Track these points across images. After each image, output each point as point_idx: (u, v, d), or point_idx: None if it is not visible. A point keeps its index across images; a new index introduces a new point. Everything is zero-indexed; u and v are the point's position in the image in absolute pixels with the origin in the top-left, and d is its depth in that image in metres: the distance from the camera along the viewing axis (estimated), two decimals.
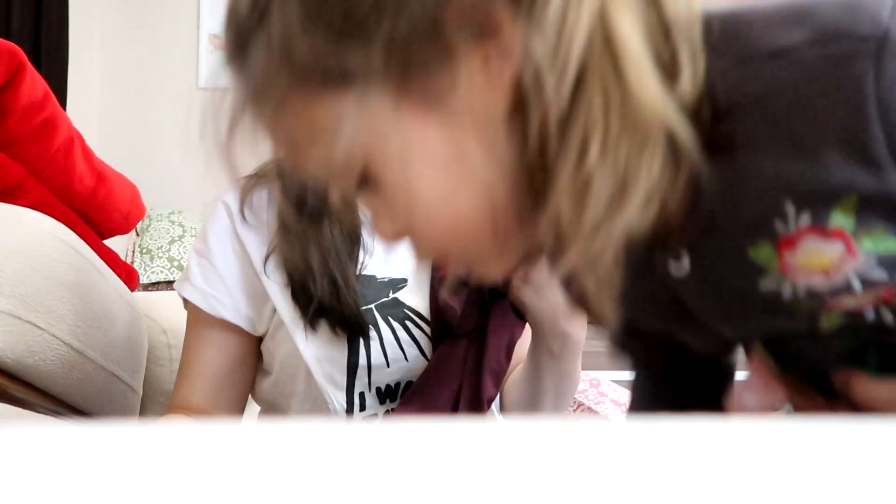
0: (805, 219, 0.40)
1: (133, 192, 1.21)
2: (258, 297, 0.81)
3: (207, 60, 3.57)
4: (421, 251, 0.49)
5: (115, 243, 2.65)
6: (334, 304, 0.78)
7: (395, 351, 0.80)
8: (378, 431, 0.22)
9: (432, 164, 0.43)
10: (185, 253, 3.01)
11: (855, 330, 0.43)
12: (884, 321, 0.42)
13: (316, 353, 0.79)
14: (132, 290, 1.13)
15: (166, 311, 1.06)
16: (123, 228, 1.19)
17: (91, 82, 3.53)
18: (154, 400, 1.01)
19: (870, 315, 0.42)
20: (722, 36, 0.40)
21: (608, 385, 1.64)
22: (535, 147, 0.40)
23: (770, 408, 0.50)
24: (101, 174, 1.10)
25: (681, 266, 0.45)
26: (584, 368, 0.89)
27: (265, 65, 0.43)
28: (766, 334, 0.48)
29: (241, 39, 0.45)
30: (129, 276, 1.15)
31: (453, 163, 0.43)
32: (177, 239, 3.06)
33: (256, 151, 0.49)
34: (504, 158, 0.42)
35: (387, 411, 0.81)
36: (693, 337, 0.50)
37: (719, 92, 0.39)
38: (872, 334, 0.43)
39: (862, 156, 0.37)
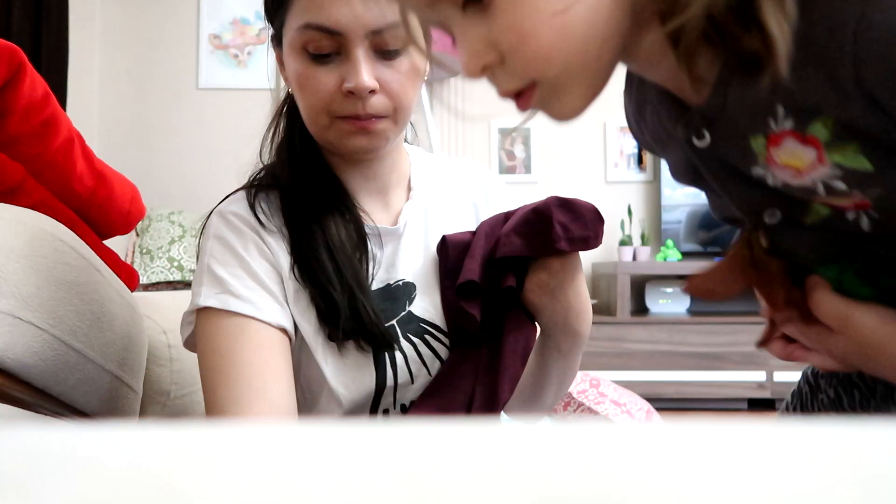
0: (789, 123, 0.46)
1: (133, 193, 1.21)
2: (290, 307, 0.78)
3: (207, 60, 3.57)
4: (514, 74, 0.49)
5: (115, 243, 2.65)
6: (357, 316, 0.75)
7: (418, 366, 0.79)
8: (390, 432, 0.22)
9: None
10: (185, 253, 3.01)
11: (838, 226, 0.50)
12: (860, 225, 0.48)
13: (342, 376, 0.76)
14: (132, 290, 1.13)
15: (166, 312, 1.06)
16: (123, 229, 1.19)
17: (91, 82, 3.53)
18: (154, 400, 1.01)
19: (850, 215, 0.48)
20: None
21: (608, 385, 1.64)
22: None
23: (724, 293, 0.59)
24: (101, 174, 1.10)
25: (703, 141, 0.52)
26: (583, 368, 0.90)
27: None
28: (760, 211, 0.55)
29: None
30: (129, 276, 1.15)
31: None
32: (177, 239, 3.06)
33: None
34: None
35: None
36: (709, 198, 0.60)
37: None
38: (852, 236, 0.50)
39: (833, 82, 0.42)
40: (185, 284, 2.98)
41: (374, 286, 0.81)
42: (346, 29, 0.73)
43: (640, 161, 3.54)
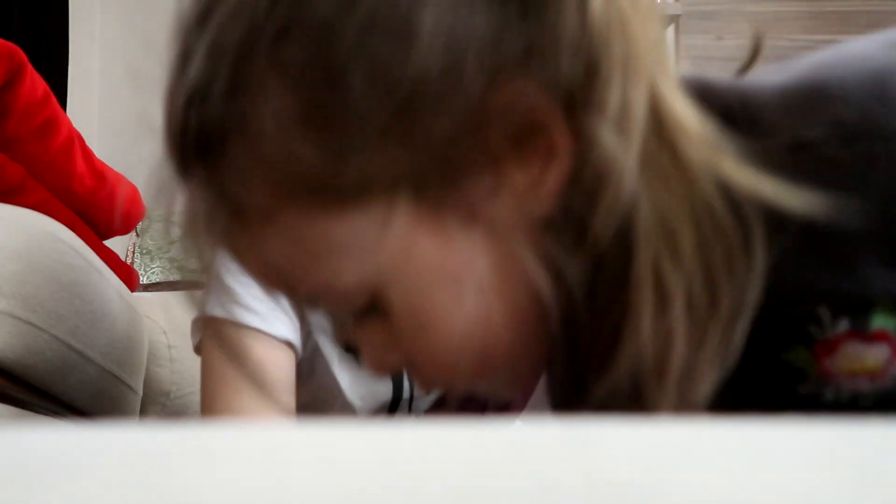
0: (844, 324, 0.37)
1: (133, 193, 1.21)
2: (301, 319, 0.77)
3: None
4: (429, 382, 0.43)
5: (115, 244, 2.65)
6: None
7: None
8: (390, 432, 0.22)
9: (471, 284, 0.37)
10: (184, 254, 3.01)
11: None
12: None
13: (358, 388, 0.76)
14: (132, 290, 1.13)
15: (166, 312, 1.06)
16: (123, 229, 1.19)
17: (91, 82, 3.53)
18: (154, 400, 1.01)
19: None
20: (740, 118, 0.36)
21: None
22: (590, 256, 0.35)
23: None
24: (101, 175, 1.10)
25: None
26: None
27: (246, 174, 0.35)
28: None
29: (209, 137, 0.36)
30: (129, 276, 1.15)
31: (495, 282, 0.37)
32: (177, 240, 3.05)
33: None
34: (545, 276, 0.36)
35: None
36: None
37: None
38: None
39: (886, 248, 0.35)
40: (186, 285, 2.98)
41: None
42: None
43: None
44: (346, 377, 0.76)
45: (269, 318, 0.74)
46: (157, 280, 2.99)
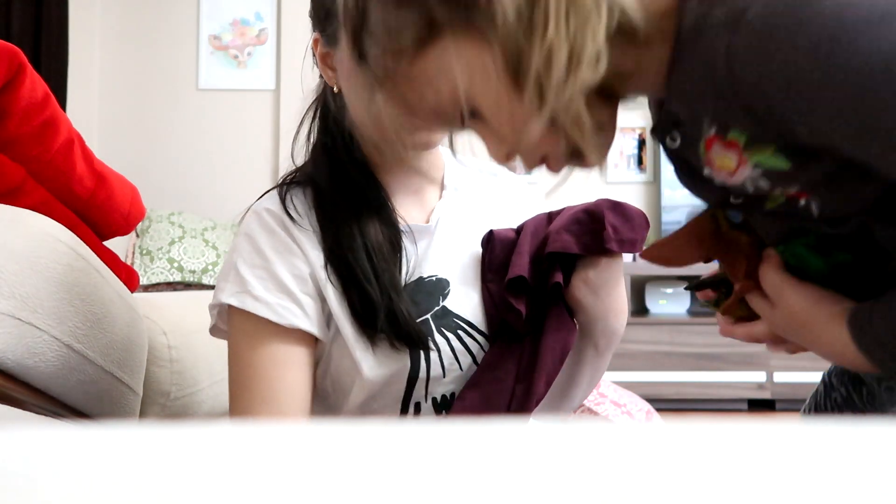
0: (713, 129, 0.53)
1: (133, 194, 1.21)
2: (322, 302, 0.80)
3: (207, 61, 3.58)
4: (526, 158, 0.60)
5: (115, 244, 2.66)
6: (392, 316, 0.77)
7: (450, 361, 0.80)
8: (390, 432, 0.22)
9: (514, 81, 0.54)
10: (185, 254, 3.01)
11: (792, 212, 0.54)
12: (811, 210, 0.53)
13: (376, 374, 0.77)
14: (132, 291, 1.13)
15: (166, 313, 1.06)
16: (123, 230, 1.19)
17: (91, 83, 3.53)
18: (154, 401, 1.01)
19: (802, 202, 0.53)
20: None
21: (608, 386, 1.64)
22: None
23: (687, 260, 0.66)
24: (101, 175, 1.10)
25: (675, 143, 0.58)
26: None
27: (378, 51, 0.56)
28: (724, 202, 0.60)
29: (355, 37, 0.58)
30: (129, 277, 1.15)
31: (506, 71, 0.53)
32: (177, 240, 3.05)
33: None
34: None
35: None
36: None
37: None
38: (804, 220, 0.54)
39: (722, 104, 0.51)
40: (186, 285, 2.98)
41: (411, 279, 0.83)
42: None
43: (640, 162, 3.54)
44: (365, 358, 0.77)
45: (278, 310, 0.77)
46: (157, 281, 2.99)
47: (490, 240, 0.87)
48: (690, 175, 0.59)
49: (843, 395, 0.75)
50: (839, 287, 0.57)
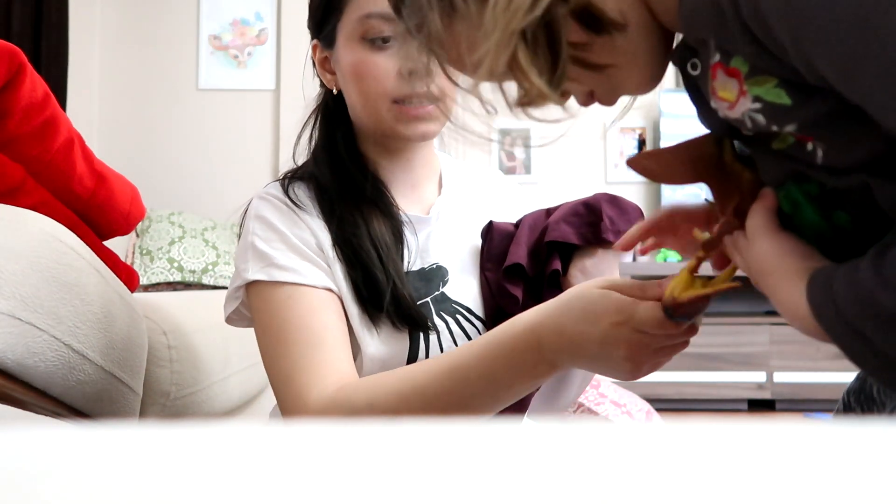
0: (717, 55, 0.52)
1: (133, 193, 1.21)
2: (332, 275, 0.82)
3: (207, 61, 3.58)
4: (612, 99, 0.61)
5: (115, 244, 2.65)
6: (395, 298, 0.79)
7: (449, 344, 0.83)
8: (391, 432, 0.22)
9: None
10: (185, 254, 3.01)
11: (798, 155, 0.53)
12: (816, 156, 0.52)
13: (378, 351, 0.80)
14: (132, 291, 1.13)
15: (166, 313, 1.06)
16: (123, 229, 1.19)
17: (91, 82, 3.53)
18: (154, 401, 1.01)
19: (809, 146, 0.52)
20: None
21: (608, 386, 1.64)
22: None
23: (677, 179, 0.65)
24: (101, 175, 1.09)
25: (695, 70, 0.56)
26: None
27: (435, 22, 0.57)
28: (733, 135, 0.59)
29: (415, 10, 0.58)
30: (129, 277, 1.15)
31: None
32: (177, 240, 3.05)
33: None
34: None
35: None
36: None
37: None
38: (808, 166, 0.53)
39: (723, 25, 0.49)
40: (186, 285, 2.98)
41: (413, 269, 0.86)
42: None
43: None
44: (367, 336, 0.80)
45: (305, 273, 0.80)
46: (157, 281, 2.99)
47: (489, 231, 0.89)
48: (705, 107, 0.59)
49: (857, 416, 0.74)
50: (830, 252, 0.55)
